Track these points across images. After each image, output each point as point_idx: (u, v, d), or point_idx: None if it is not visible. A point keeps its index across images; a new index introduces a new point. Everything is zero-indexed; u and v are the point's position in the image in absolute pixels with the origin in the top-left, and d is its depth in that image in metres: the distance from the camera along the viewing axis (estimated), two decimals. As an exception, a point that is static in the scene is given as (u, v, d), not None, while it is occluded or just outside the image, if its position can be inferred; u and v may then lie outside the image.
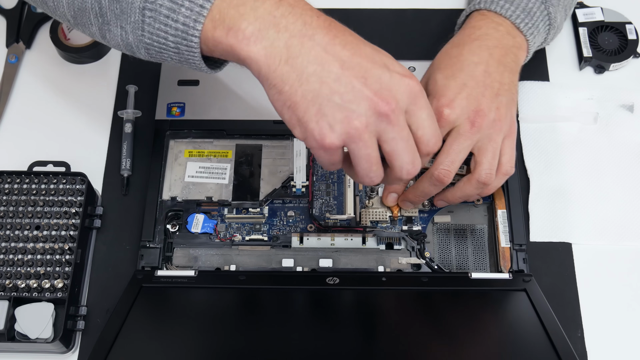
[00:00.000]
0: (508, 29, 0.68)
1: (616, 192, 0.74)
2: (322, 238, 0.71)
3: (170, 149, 0.75)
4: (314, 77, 0.51)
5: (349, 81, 0.51)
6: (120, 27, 0.56)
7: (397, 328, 0.64)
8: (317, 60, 0.51)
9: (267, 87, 0.53)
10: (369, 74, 0.52)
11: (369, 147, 0.53)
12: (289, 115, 0.53)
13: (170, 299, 0.67)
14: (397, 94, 0.53)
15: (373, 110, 0.52)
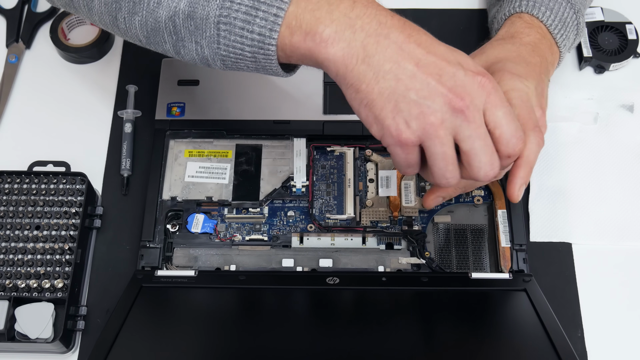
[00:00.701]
0: (549, 43, 0.68)
1: (616, 192, 0.74)
2: (322, 238, 0.71)
3: (170, 149, 0.75)
4: (390, 75, 0.52)
5: (424, 78, 0.52)
6: (195, 42, 0.57)
7: (397, 328, 0.64)
8: (393, 59, 0.52)
9: (344, 87, 0.54)
10: (443, 72, 0.52)
11: (444, 144, 0.53)
12: (366, 114, 0.54)
13: (170, 299, 0.67)
14: (471, 91, 0.53)
15: (448, 105, 0.52)
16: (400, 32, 0.53)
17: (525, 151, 0.58)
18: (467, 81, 0.53)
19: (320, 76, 0.78)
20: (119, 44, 0.83)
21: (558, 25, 0.69)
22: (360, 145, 0.75)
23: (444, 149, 0.53)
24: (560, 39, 0.69)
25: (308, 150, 0.74)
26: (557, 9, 0.69)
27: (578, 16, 0.70)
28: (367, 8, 0.54)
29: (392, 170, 0.73)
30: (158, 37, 0.59)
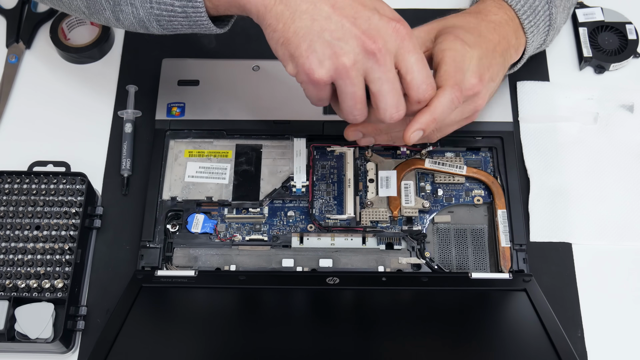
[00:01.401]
0: (515, 28, 0.69)
1: (616, 192, 0.74)
2: (322, 238, 0.71)
3: (170, 149, 0.75)
4: (305, 15, 0.54)
5: (339, 20, 0.54)
6: (130, 4, 0.59)
7: (397, 328, 0.64)
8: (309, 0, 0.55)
9: (264, 28, 0.57)
10: (358, 15, 0.55)
11: (355, 84, 0.56)
12: (282, 52, 0.56)
13: (170, 299, 0.67)
14: (385, 35, 0.55)
15: (361, 47, 0.54)
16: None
17: (434, 100, 0.60)
18: (382, 25, 0.55)
19: (320, 76, 0.78)
20: (119, 44, 0.83)
21: (527, 12, 0.69)
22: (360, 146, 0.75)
23: (354, 89, 0.56)
24: (527, 25, 0.69)
25: (308, 150, 0.74)
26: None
27: (550, 7, 0.70)
28: None
29: (392, 171, 0.73)
30: (97, 5, 0.61)
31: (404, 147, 0.74)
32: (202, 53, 0.81)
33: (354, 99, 0.57)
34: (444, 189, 0.73)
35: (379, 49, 0.54)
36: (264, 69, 0.78)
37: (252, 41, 0.82)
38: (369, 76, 0.56)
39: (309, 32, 0.54)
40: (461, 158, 0.74)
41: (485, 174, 0.73)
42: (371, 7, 0.56)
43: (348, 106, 0.58)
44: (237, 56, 0.79)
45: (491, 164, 0.74)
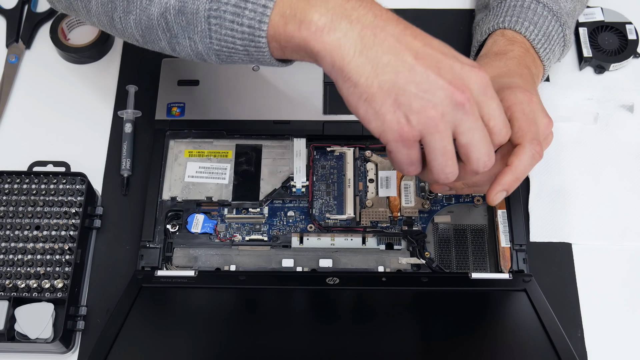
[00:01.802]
0: (532, 58, 0.68)
1: (616, 192, 0.74)
2: (322, 238, 0.71)
3: (170, 149, 0.75)
4: (389, 68, 0.51)
5: (424, 71, 0.51)
6: (189, 38, 0.57)
7: (397, 328, 0.64)
8: (391, 51, 0.51)
9: (341, 81, 0.53)
10: (442, 64, 0.52)
11: (444, 138, 0.52)
12: (365, 109, 0.52)
13: (170, 299, 0.67)
14: (470, 84, 0.52)
15: (449, 99, 0.51)
16: (396, 24, 0.52)
17: (516, 160, 0.58)
18: (465, 73, 0.52)
19: (320, 76, 0.78)
20: (119, 44, 0.83)
21: (542, 40, 0.69)
22: (360, 146, 0.75)
23: (444, 143, 0.52)
24: (543, 53, 0.69)
25: (308, 150, 0.74)
26: (542, 23, 0.69)
27: (564, 28, 0.70)
28: (362, 0, 0.53)
29: (392, 171, 0.73)
30: (153, 35, 0.59)
31: None
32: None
33: (445, 155, 0.53)
34: (444, 189, 0.73)
35: (467, 99, 0.51)
36: (264, 69, 0.78)
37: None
38: (459, 128, 0.52)
39: (394, 86, 0.51)
40: (461, 158, 0.74)
41: (485, 174, 0.73)
42: (451, 56, 0.53)
43: (439, 163, 0.53)
44: (237, 56, 0.79)
45: (491, 164, 0.74)
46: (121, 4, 0.59)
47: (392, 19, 0.53)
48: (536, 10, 0.69)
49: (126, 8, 0.59)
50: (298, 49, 0.54)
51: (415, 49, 0.52)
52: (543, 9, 0.70)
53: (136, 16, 0.59)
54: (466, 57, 0.54)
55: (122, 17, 0.59)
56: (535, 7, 0.70)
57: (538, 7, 0.70)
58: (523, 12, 0.70)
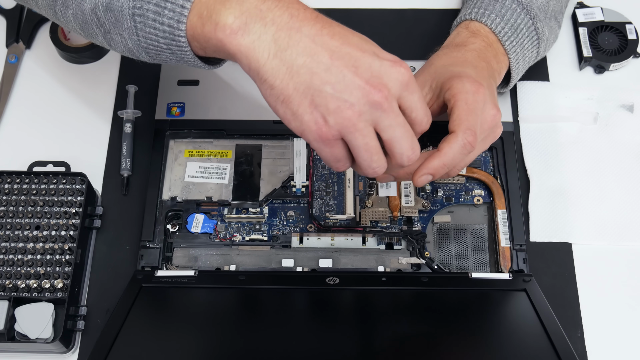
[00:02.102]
0: (494, 52, 0.68)
1: (616, 192, 0.74)
2: (322, 238, 0.71)
3: (170, 149, 0.75)
4: (304, 69, 0.51)
5: (340, 71, 0.51)
6: (119, 34, 0.58)
7: (397, 328, 0.64)
8: (306, 52, 0.51)
9: (258, 83, 0.53)
10: (359, 63, 0.52)
11: (365, 136, 0.53)
12: (283, 110, 0.53)
13: (170, 299, 0.67)
14: (388, 82, 0.52)
15: (366, 99, 0.52)
16: (312, 24, 0.52)
17: (446, 147, 0.58)
18: (384, 71, 0.52)
19: (320, 76, 0.78)
20: (119, 44, 0.83)
21: (508, 32, 0.69)
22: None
23: (366, 141, 0.53)
24: (509, 46, 0.69)
25: (308, 150, 0.74)
26: (510, 16, 0.69)
27: (535, 22, 0.70)
28: (279, 1, 0.53)
29: (392, 170, 0.73)
30: (90, 29, 0.60)
31: None
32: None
33: (368, 151, 0.54)
34: (444, 189, 0.73)
35: (385, 98, 0.52)
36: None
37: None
38: (379, 125, 0.53)
39: (309, 88, 0.51)
40: (461, 158, 0.74)
41: (485, 174, 0.73)
42: (370, 53, 0.53)
43: (364, 160, 0.54)
44: (237, 56, 0.79)
45: (491, 164, 0.74)
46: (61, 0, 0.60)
47: (309, 19, 0.52)
48: (504, 3, 0.69)
49: (64, 2, 0.59)
50: (217, 50, 0.54)
51: (332, 49, 0.52)
52: (512, 2, 0.69)
53: (73, 10, 0.59)
54: (387, 52, 0.54)
55: (62, 11, 0.60)
56: (504, 0, 0.69)
57: (507, 0, 0.69)
58: (491, 5, 0.70)
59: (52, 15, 0.63)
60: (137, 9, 0.55)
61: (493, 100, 0.62)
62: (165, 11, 0.54)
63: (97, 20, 0.58)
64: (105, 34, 0.59)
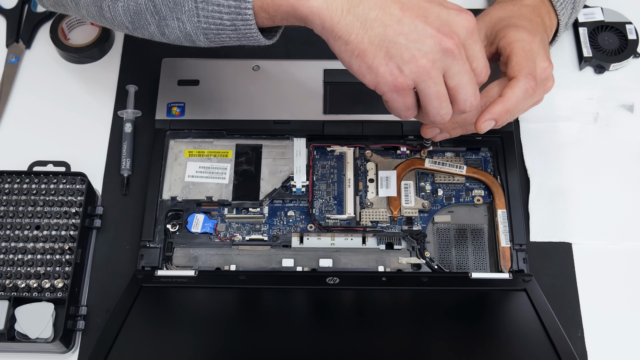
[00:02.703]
0: (547, 9, 0.70)
1: (616, 192, 0.74)
2: (322, 238, 0.71)
3: (170, 148, 0.75)
4: (377, 22, 0.53)
5: (411, 21, 0.54)
6: (177, 18, 0.58)
7: (397, 328, 0.64)
8: (378, 5, 0.53)
9: (332, 41, 0.55)
10: (428, 13, 0.54)
11: (437, 83, 0.55)
12: (358, 64, 0.55)
13: (170, 299, 0.67)
14: (457, 29, 0.55)
15: (438, 46, 0.54)
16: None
17: (509, 92, 0.61)
18: (451, 19, 0.55)
19: (320, 76, 0.78)
20: (119, 44, 0.83)
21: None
22: (360, 145, 0.75)
23: (437, 88, 0.55)
24: (559, 7, 0.70)
25: (308, 150, 0.74)
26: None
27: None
28: None
29: (392, 171, 0.73)
30: (142, 20, 0.60)
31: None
32: (202, 53, 0.81)
33: (439, 99, 0.56)
34: (444, 189, 0.73)
35: (456, 45, 0.54)
36: (264, 69, 0.78)
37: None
38: (448, 72, 0.55)
39: (384, 40, 0.54)
40: (461, 158, 0.74)
41: (485, 174, 0.73)
42: (437, 3, 0.55)
43: (434, 107, 0.57)
44: (237, 56, 0.79)
45: (491, 164, 0.75)
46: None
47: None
48: None
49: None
50: (287, 16, 0.55)
51: (401, 1, 0.54)
52: None
53: (124, 3, 0.59)
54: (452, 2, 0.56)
55: (111, 5, 0.60)
56: None
57: None
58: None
59: (95, 12, 0.62)
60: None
61: (546, 53, 0.64)
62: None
63: (153, 7, 0.58)
64: (159, 21, 0.59)
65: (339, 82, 0.77)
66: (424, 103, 0.57)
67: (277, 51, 0.82)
